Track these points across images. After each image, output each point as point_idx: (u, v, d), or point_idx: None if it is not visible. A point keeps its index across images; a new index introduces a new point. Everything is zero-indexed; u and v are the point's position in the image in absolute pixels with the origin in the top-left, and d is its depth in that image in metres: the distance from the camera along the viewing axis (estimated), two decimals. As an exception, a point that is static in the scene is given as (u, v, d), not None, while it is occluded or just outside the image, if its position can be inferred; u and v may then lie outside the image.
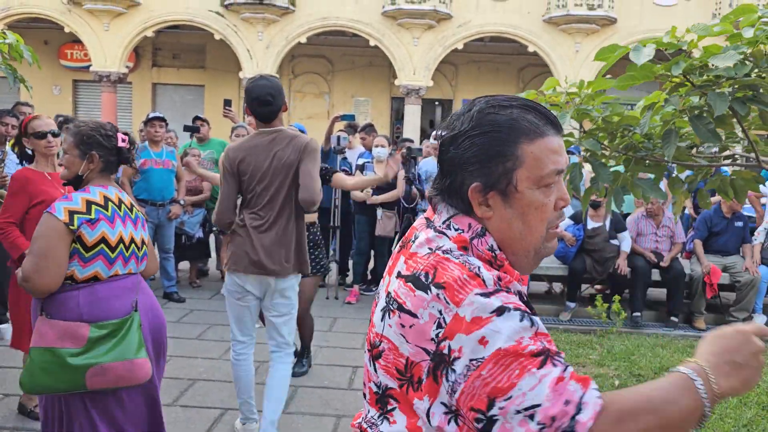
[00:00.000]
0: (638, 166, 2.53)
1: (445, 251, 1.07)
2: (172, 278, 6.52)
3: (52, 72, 19.84)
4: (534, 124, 1.10)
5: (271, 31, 17.49)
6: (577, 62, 16.74)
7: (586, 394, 0.95)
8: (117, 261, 2.44)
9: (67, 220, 2.31)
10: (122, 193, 2.56)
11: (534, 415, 0.93)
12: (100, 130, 2.48)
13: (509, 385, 0.94)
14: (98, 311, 2.36)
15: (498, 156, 1.08)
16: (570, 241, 6.49)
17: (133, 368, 2.36)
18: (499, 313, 0.98)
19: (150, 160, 6.23)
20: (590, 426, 0.93)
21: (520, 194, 1.09)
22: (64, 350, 2.29)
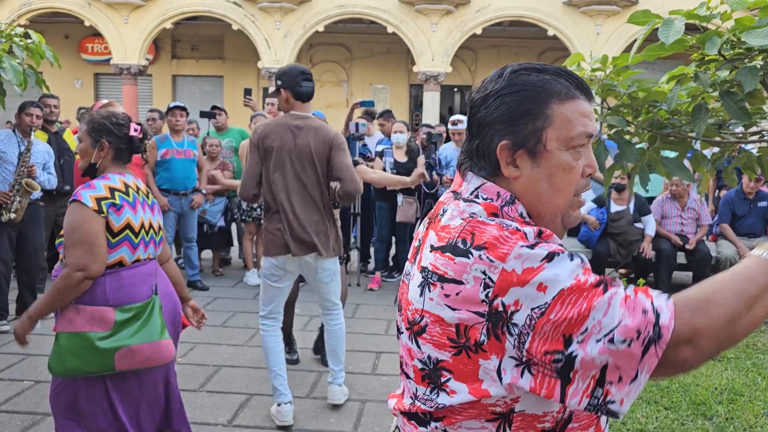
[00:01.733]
0: (663, 143, 2.47)
1: (479, 217, 1.06)
2: (196, 267, 6.57)
3: (73, 66, 20.03)
4: (566, 87, 1.09)
5: (289, 20, 17.46)
6: (597, 45, 16.47)
7: (655, 300, 0.95)
8: (139, 246, 2.49)
9: (96, 207, 2.35)
10: (138, 180, 2.61)
11: (613, 337, 0.92)
12: (111, 119, 2.50)
13: (582, 318, 0.93)
14: (123, 296, 2.42)
15: (528, 114, 1.08)
16: (593, 225, 6.42)
17: (159, 349, 2.42)
18: (549, 259, 0.97)
19: (171, 150, 6.26)
20: (673, 327, 0.92)
21: (548, 154, 1.08)
22: (92, 334, 2.34)
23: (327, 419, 3.65)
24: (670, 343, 0.92)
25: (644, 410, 3.75)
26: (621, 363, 0.93)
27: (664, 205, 6.55)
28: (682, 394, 4.00)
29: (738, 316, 0.94)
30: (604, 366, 0.93)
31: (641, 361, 0.92)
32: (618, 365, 0.93)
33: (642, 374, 0.93)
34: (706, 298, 0.95)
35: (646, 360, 0.92)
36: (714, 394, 4.00)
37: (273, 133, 3.38)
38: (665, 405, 3.84)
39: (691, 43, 1.99)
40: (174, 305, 2.68)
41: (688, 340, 0.93)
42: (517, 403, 1.03)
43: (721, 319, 0.93)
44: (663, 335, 0.92)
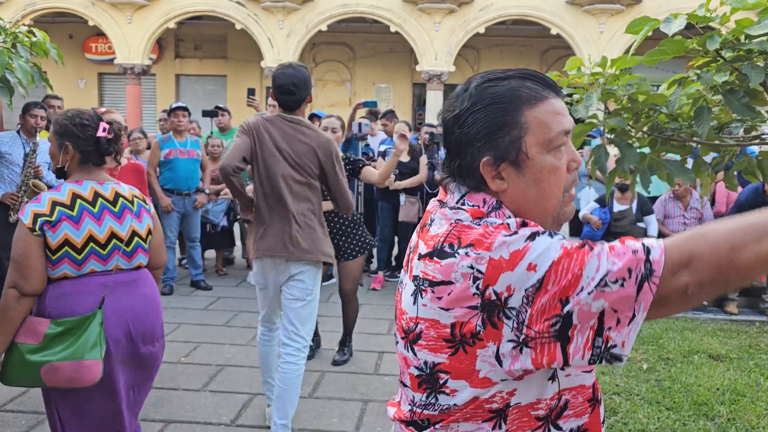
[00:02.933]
0: (664, 146, 2.48)
1: (461, 220, 1.07)
2: (199, 266, 6.59)
3: (77, 65, 20.08)
4: (533, 90, 1.09)
5: (292, 20, 17.48)
6: (601, 44, 16.44)
7: (646, 240, 0.96)
8: (88, 260, 2.32)
9: (31, 225, 2.24)
10: (103, 186, 2.40)
11: (606, 282, 0.93)
12: (75, 119, 2.37)
13: (575, 279, 0.94)
14: (63, 307, 2.29)
15: (503, 126, 1.08)
16: (596, 225, 6.42)
17: (80, 369, 2.23)
18: (532, 238, 0.98)
19: (175, 150, 6.28)
20: (665, 258, 0.93)
21: (531, 161, 1.08)
22: (23, 345, 2.25)
23: (329, 419, 3.67)
24: (666, 273, 0.93)
25: (646, 410, 3.75)
26: (617, 305, 0.94)
27: (666, 204, 6.55)
28: (684, 394, 4.00)
29: (741, 244, 0.91)
30: (602, 313, 0.94)
31: (637, 299, 0.93)
32: (615, 308, 0.94)
33: (639, 312, 0.94)
34: (705, 227, 0.95)
35: (641, 298, 0.93)
36: (716, 395, 4.00)
37: (264, 128, 3.26)
38: (667, 405, 3.85)
39: (692, 45, 2.00)
40: (138, 325, 2.41)
41: (683, 265, 0.93)
42: (513, 396, 1.05)
43: (719, 244, 0.92)
44: (654, 270, 0.93)
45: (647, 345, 4.94)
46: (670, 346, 4.93)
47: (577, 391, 1.09)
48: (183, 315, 5.59)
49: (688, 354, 4.76)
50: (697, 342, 5.04)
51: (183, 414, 3.67)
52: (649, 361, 4.59)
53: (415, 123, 18.66)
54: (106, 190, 2.39)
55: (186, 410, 3.72)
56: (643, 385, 4.14)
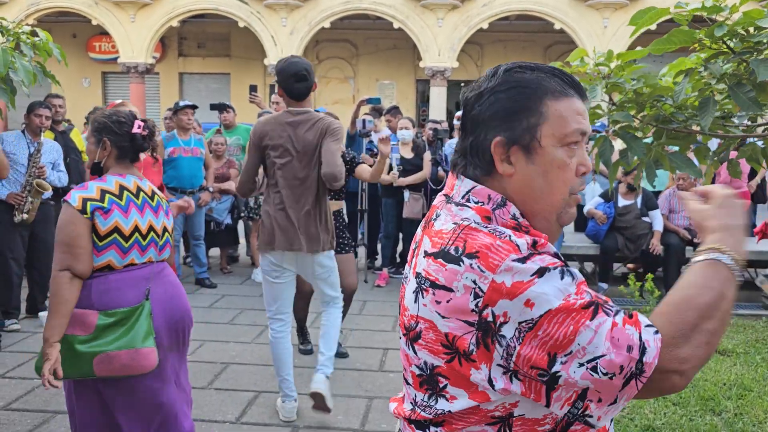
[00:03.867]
0: (669, 138, 2.45)
1: (471, 222, 1.05)
2: (204, 265, 6.59)
3: (80, 64, 20.11)
4: (560, 85, 1.10)
5: (295, 17, 17.46)
6: (605, 38, 16.38)
7: (643, 333, 0.97)
8: (132, 250, 2.43)
9: (80, 207, 2.32)
10: (143, 181, 2.55)
11: (596, 366, 0.94)
12: (113, 117, 2.49)
13: (567, 341, 0.95)
14: (109, 300, 2.36)
15: (522, 111, 1.07)
16: (601, 220, 6.39)
17: (137, 357, 2.33)
18: (540, 274, 0.97)
19: (179, 149, 6.28)
20: (656, 364, 0.96)
21: (543, 150, 1.07)
22: (72, 337, 2.30)
23: (334, 416, 3.66)
24: (658, 374, 0.96)
25: (652, 406, 3.74)
26: (601, 390, 0.96)
27: (671, 199, 6.51)
28: (691, 389, 3.98)
29: (716, 334, 0.99)
30: (585, 389, 0.96)
31: (621, 390, 0.96)
32: (598, 390, 0.97)
33: (620, 401, 0.98)
34: (688, 325, 0.99)
35: (626, 391, 0.97)
36: (723, 390, 3.98)
37: (271, 130, 3.38)
38: (673, 401, 3.83)
39: (699, 36, 1.98)
40: (175, 311, 2.56)
41: (676, 371, 0.97)
42: (516, 407, 1.03)
43: (703, 345, 0.98)
44: (645, 371, 0.96)
45: (653, 340, 4.93)
46: (677, 341, 4.90)
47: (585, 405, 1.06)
48: (188, 313, 5.59)
49: (695, 349, 4.74)
50: (704, 337, 5.02)
51: (188, 411, 3.67)
52: (655, 357, 4.57)
53: (419, 119, 18.63)
54: (144, 185, 2.54)
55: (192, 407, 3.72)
56: (650, 380, 4.13)
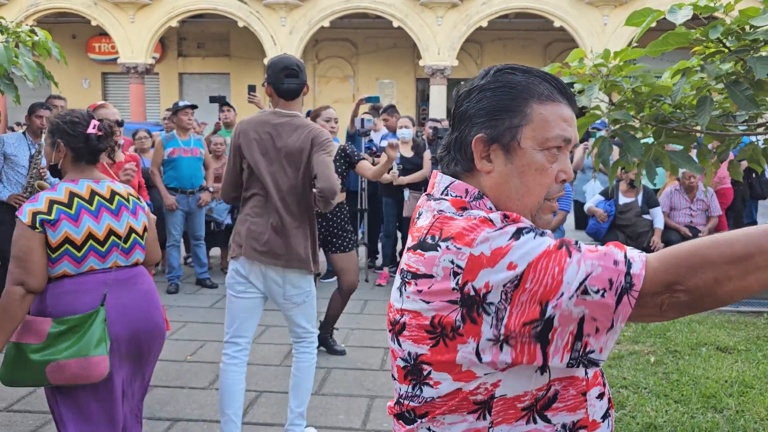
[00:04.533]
0: (668, 137, 2.46)
1: (446, 213, 1.08)
2: (204, 265, 6.60)
3: (80, 65, 20.13)
4: (549, 89, 1.11)
5: (294, 16, 17.46)
6: (605, 36, 16.37)
7: (627, 252, 0.97)
8: (88, 258, 2.34)
9: (30, 223, 2.25)
10: (100, 184, 2.41)
11: (586, 288, 0.94)
12: (66, 117, 2.40)
13: (556, 284, 0.95)
14: (63, 306, 2.30)
15: (506, 110, 1.10)
16: (602, 217, 6.40)
17: (88, 366, 2.24)
18: (516, 237, 0.98)
19: (178, 149, 6.28)
20: (645, 276, 0.94)
21: (522, 151, 1.09)
22: (25, 345, 2.26)
23: (336, 415, 3.66)
24: (646, 290, 0.94)
25: (654, 404, 3.74)
26: (597, 314, 0.95)
27: (672, 197, 6.51)
28: (692, 387, 3.98)
29: (726, 277, 0.92)
30: (581, 319, 0.95)
31: (615, 310, 0.95)
32: (594, 316, 0.95)
33: (617, 323, 0.96)
34: (694, 247, 0.95)
35: (620, 310, 0.95)
36: (724, 387, 3.98)
37: (252, 131, 3.05)
38: (675, 398, 3.83)
39: (695, 36, 1.98)
40: (139, 321, 2.42)
41: (664, 288, 0.94)
42: (498, 387, 1.04)
43: (705, 274, 0.92)
44: (634, 284, 0.94)
45: (654, 338, 4.93)
46: (678, 338, 4.90)
47: (568, 383, 1.07)
48: (189, 313, 5.60)
49: (696, 346, 4.74)
50: (705, 334, 5.02)
51: (190, 412, 3.68)
52: (656, 354, 4.57)
53: (419, 118, 18.63)
54: (102, 188, 2.41)
55: (193, 408, 3.73)
56: (651, 378, 4.13)
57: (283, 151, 3.03)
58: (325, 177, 2.96)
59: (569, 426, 1.07)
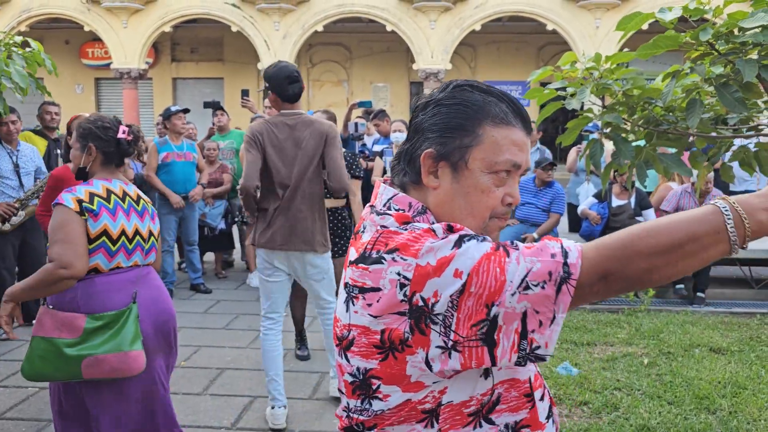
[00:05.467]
0: (660, 140, 2.47)
1: (390, 227, 1.08)
2: (198, 270, 6.58)
3: (73, 71, 20.09)
4: (505, 114, 1.10)
5: (288, 21, 17.48)
6: (597, 39, 16.45)
7: (564, 243, 0.99)
8: (119, 253, 2.45)
9: (77, 209, 2.35)
10: (128, 186, 2.57)
11: (528, 284, 0.96)
12: (98, 122, 2.51)
13: (500, 284, 0.97)
14: (95, 304, 2.37)
15: (459, 128, 1.09)
16: (595, 220, 6.41)
17: (126, 360, 2.34)
18: (459, 244, 1.00)
19: (172, 153, 6.27)
20: (581, 266, 0.96)
21: (469, 172, 1.09)
22: (60, 340, 2.31)
23: (330, 419, 3.66)
24: (582, 280, 0.96)
25: (647, 405, 3.75)
26: (539, 306, 0.97)
27: (682, 198, 6.36)
28: (686, 388, 4.00)
29: (658, 266, 0.96)
30: (524, 314, 0.97)
31: (556, 300, 0.96)
32: (536, 309, 0.97)
33: (559, 314, 0.98)
34: (628, 237, 0.97)
35: (560, 299, 0.97)
36: (717, 388, 4.00)
37: (268, 131, 3.41)
38: (668, 400, 3.84)
39: (685, 39, 1.99)
40: (163, 315, 2.57)
41: (599, 277, 0.97)
42: (445, 394, 1.05)
43: (637, 264, 0.95)
44: (572, 273, 0.96)
45: (648, 339, 4.94)
46: (671, 340, 4.92)
47: (510, 385, 1.09)
48: (183, 318, 5.58)
49: (689, 348, 4.76)
50: (698, 335, 5.03)
51: (184, 418, 3.67)
52: (649, 356, 4.58)
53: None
54: (130, 189, 2.56)
55: (187, 414, 3.72)
56: (644, 379, 4.14)
57: (300, 146, 3.41)
58: (337, 177, 3.45)
59: (512, 426, 1.09)
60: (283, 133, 3.41)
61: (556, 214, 6.47)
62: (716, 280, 6.51)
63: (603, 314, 5.68)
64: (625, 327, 5.29)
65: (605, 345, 4.87)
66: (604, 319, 5.52)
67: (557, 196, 6.48)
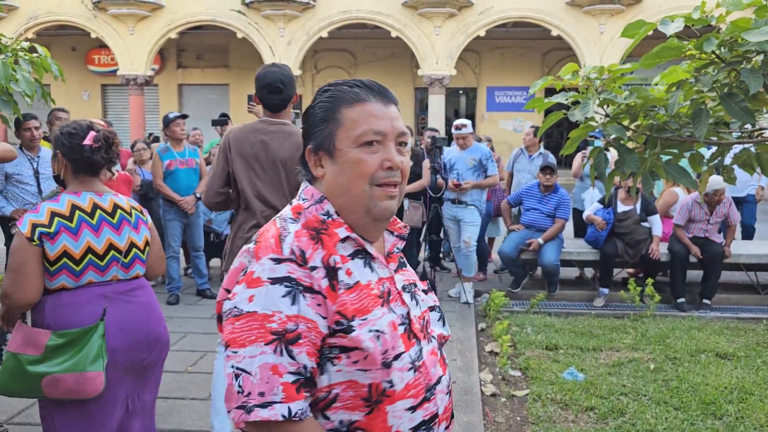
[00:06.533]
0: (662, 147, 2.48)
1: (281, 218, 1.26)
2: (204, 275, 6.60)
3: (80, 77, 20.21)
4: (356, 94, 1.26)
5: (293, 27, 17.55)
6: (602, 44, 16.45)
7: (281, 403, 1.11)
8: (86, 272, 2.32)
9: (29, 235, 2.24)
10: (102, 197, 2.41)
11: (240, 376, 1.13)
12: (65, 129, 2.39)
13: (240, 344, 1.14)
14: (62, 318, 2.29)
15: (323, 121, 1.27)
16: (600, 225, 6.41)
17: (83, 381, 2.23)
18: (273, 282, 1.15)
19: (175, 161, 6.28)
20: (255, 422, 1.11)
21: (339, 152, 1.24)
22: (24, 356, 2.25)
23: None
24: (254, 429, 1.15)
25: (654, 411, 3.75)
26: (228, 395, 1.15)
27: (693, 209, 6.29)
28: (692, 393, 3.99)
29: None
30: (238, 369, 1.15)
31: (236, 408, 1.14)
32: (229, 391, 1.15)
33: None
34: None
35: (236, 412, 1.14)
36: (724, 394, 3.99)
37: (243, 138, 3.14)
38: (674, 405, 3.84)
39: (689, 47, 2.01)
40: (138, 333, 2.42)
41: None
42: None
43: None
44: (249, 416, 1.12)
45: (654, 345, 4.93)
46: (677, 345, 4.91)
47: (348, 386, 1.20)
48: (189, 324, 5.60)
49: (696, 353, 4.75)
50: (704, 341, 5.02)
51: (191, 423, 3.68)
52: (656, 361, 4.58)
53: (418, 127, 18.68)
54: (104, 201, 2.40)
55: (194, 419, 3.73)
56: (651, 385, 4.14)
57: (273, 157, 3.10)
58: None
59: (346, 423, 1.20)
60: (259, 142, 3.11)
61: (562, 219, 6.47)
62: (722, 285, 6.49)
63: (608, 319, 5.67)
64: (630, 332, 5.29)
65: (611, 350, 4.86)
66: (609, 324, 5.52)
67: (562, 202, 6.48)
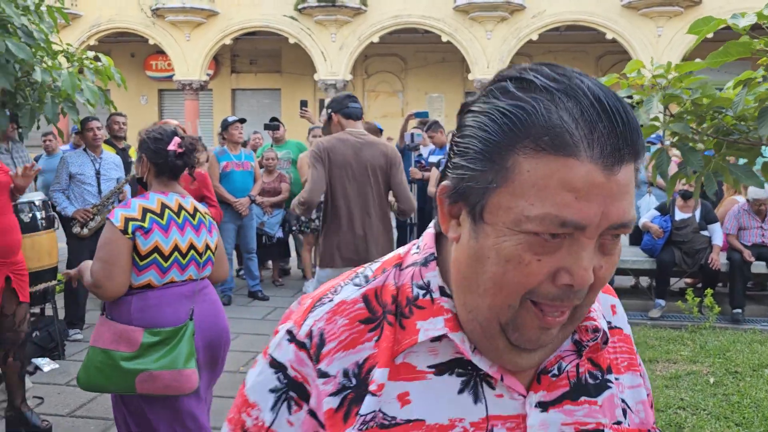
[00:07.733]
0: (729, 150, 2.38)
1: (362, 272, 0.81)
2: (256, 277, 6.70)
3: (138, 83, 20.84)
4: (560, 134, 0.61)
5: (344, 32, 17.70)
6: (659, 48, 16.02)
7: None
8: (171, 269, 2.41)
9: (122, 227, 2.32)
10: (185, 199, 2.53)
11: None
12: (151, 133, 2.49)
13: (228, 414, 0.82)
14: (149, 317, 2.36)
15: (480, 155, 0.66)
16: (657, 233, 6.22)
17: (180, 378, 2.32)
18: (272, 363, 0.79)
19: (231, 163, 6.41)
20: None
21: (489, 227, 0.66)
22: (117, 353, 2.31)
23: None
24: None
25: (713, 426, 3.61)
26: None
27: (741, 217, 6.15)
28: (755, 409, 3.83)
29: None
30: None
31: None
32: None
33: None
34: None
35: None
36: (789, 411, 3.81)
37: (335, 147, 3.52)
38: (736, 421, 3.68)
39: (758, 47, 1.92)
40: (213, 330, 2.54)
41: None
42: None
43: None
44: None
45: (714, 358, 4.75)
46: (739, 359, 4.72)
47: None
48: (241, 325, 5.69)
49: (758, 367, 4.55)
50: (767, 354, 4.82)
51: (241, 422, 3.73)
52: (716, 375, 4.41)
53: (468, 132, 18.57)
54: (186, 203, 2.52)
55: (244, 418, 3.78)
56: (710, 399, 3.98)
57: (366, 165, 3.55)
58: (404, 198, 3.67)
59: None
60: (350, 151, 3.53)
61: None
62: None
63: (665, 330, 5.50)
64: (688, 344, 5.11)
65: (668, 362, 4.71)
66: (666, 335, 5.34)
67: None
